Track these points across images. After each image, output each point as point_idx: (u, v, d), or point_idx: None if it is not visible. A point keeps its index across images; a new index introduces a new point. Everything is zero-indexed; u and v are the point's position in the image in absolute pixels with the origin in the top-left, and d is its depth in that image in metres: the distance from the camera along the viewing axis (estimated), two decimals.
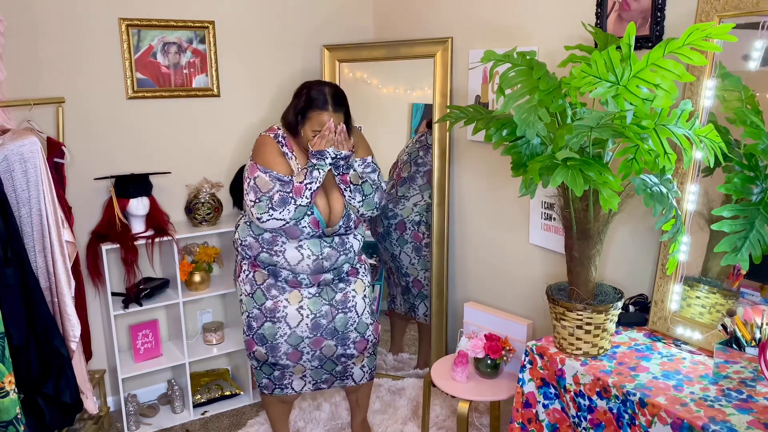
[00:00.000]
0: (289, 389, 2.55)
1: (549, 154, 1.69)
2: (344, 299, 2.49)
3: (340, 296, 2.48)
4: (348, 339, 2.51)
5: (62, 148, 2.67)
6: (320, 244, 2.38)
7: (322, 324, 2.45)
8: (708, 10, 1.87)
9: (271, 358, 2.46)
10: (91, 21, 2.82)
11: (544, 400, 1.96)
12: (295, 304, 2.43)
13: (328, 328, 2.46)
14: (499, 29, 2.70)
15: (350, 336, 2.51)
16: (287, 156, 2.37)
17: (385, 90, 3.29)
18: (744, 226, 1.65)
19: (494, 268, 2.91)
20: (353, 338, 2.51)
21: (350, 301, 2.50)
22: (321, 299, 2.45)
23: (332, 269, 2.45)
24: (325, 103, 2.31)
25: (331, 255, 2.41)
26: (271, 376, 2.52)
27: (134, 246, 2.84)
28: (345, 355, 2.53)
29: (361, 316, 2.52)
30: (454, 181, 3.07)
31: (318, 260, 2.39)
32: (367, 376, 2.65)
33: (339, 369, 2.57)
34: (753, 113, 1.76)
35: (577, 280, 1.90)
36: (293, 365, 2.49)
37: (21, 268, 2.16)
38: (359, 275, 2.56)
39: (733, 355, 1.66)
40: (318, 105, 2.30)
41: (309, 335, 2.45)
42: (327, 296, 2.46)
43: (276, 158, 2.33)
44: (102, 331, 3.05)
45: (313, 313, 2.44)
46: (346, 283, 2.51)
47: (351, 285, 2.51)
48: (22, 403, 2.08)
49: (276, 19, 3.26)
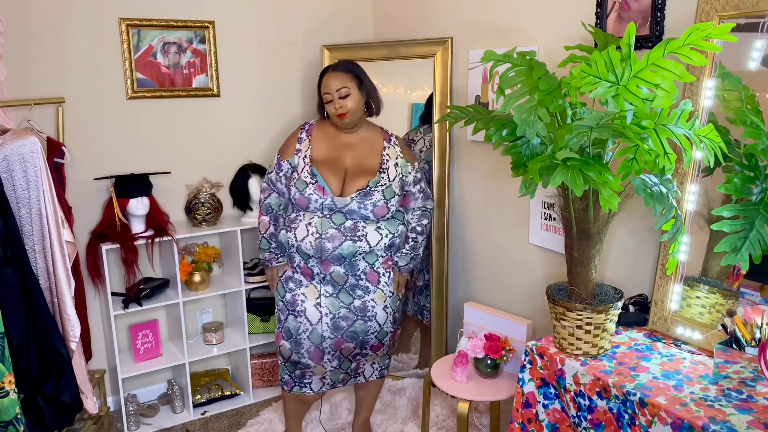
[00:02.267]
0: (307, 389, 2.58)
1: (549, 154, 1.69)
2: (363, 308, 2.47)
3: (358, 303, 2.46)
4: (367, 343, 2.53)
5: (62, 148, 2.67)
6: (326, 224, 2.38)
7: (342, 326, 2.46)
8: (708, 10, 1.87)
9: (295, 355, 2.50)
10: (92, 21, 2.82)
11: (544, 400, 1.96)
12: (312, 299, 2.45)
13: (349, 331, 2.47)
14: (499, 29, 2.70)
15: (369, 341, 2.53)
16: (300, 140, 2.51)
17: (385, 90, 3.29)
18: (744, 226, 1.65)
19: (494, 268, 2.91)
20: (372, 343, 2.54)
21: (370, 311, 2.48)
22: (339, 301, 2.45)
23: (342, 260, 2.40)
24: (327, 68, 2.49)
25: (334, 236, 2.37)
26: (293, 374, 2.56)
27: (134, 246, 2.83)
28: (360, 354, 2.56)
29: (383, 326, 2.53)
30: (454, 181, 3.07)
31: (320, 239, 2.38)
32: (377, 374, 2.68)
33: (353, 366, 2.60)
34: (753, 113, 1.76)
35: (577, 280, 1.90)
36: (314, 365, 2.52)
37: (21, 268, 2.16)
38: (380, 284, 2.49)
39: (733, 355, 1.66)
40: (322, 73, 2.49)
41: (331, 335, 2.46)
42: (345, 299, 2.45)
43: (288, 142, 2.55)
44: (102, 331, 3.05)
45: (332, 312, 2.45)
46: (365, 291, 2.46)
47: (370, 294, 2.47)
48: (22, 403, 2.08)
49: (276, 19, 3.26)
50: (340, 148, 2.50)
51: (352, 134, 2.52)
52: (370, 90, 2.50)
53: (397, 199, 2.47)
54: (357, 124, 2.50)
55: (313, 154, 2.48)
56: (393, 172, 2.48)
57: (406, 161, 2.53)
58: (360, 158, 2.48)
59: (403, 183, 2.52)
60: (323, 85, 2.45)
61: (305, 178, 2.42)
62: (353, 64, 2.52)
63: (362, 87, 2.46)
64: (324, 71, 2.49)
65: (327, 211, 2.39)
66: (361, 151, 2.50)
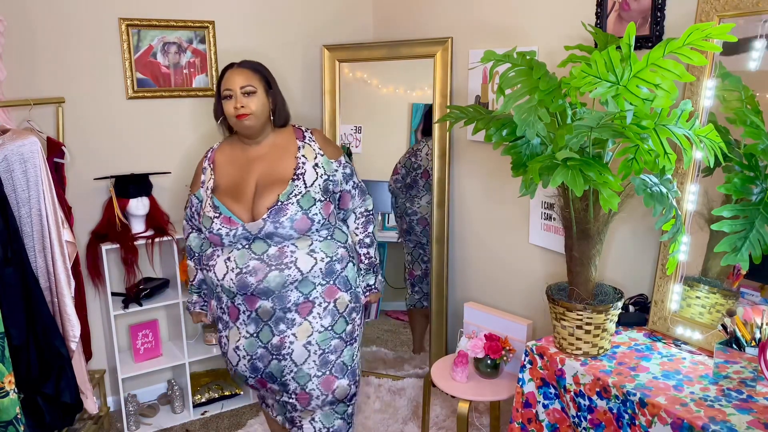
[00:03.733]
0: (270, 410, 2.35)
1: (549, 154, 1.69)
2: (279, 344, 2.05)
3: (276, 340, 2.05)
4: (288, 387, 2.11)
5: (62, 148, 2.67)
6: (246, 256, 2.01)
7: (259, 367, 2.09)
8: (708, 10, 1.87)
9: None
10: (91, 21, 2.82)
11: (544, 400, 1.96)
12: (233, 343, 2.12)
13: (266, 372, 2.10)
14: (499, 29, 2.70)
15: (290, 385, 2.10)
16: (204, 170, 2.20)
17: (385, 90, 3.29)
18: (744, 226, 1.65)
19: (494, 268, 2.91)
20: (293, 389, 2.10)
21: (285, 348, 2.05)
22: (258, 341, 2.07)
23: (269, 293, 2.01)
24: (232, 64, 2.13)
25: (257, 269, 1.99)
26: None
27: (134, 246, 2.84)
28: (288, 402, 2.15)
29: (301, 366, 2.07)
30: (454, 181, 3.07)
31: (241, 274, 2.00)
32: None
33: (289, 417, 2.20)
34: (753, 113, 1.76)
35: (577, 280, 1.90)
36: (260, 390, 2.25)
37: (21, 268, 2.16)
38: (311, 315, 2.06)
39: (733, 355, 1.66)
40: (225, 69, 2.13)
41: (251, 375, 2.13)
42: (264, 337, 2.06)
43: (195, 172, 2.25)
44: (102, 331, 3.05)
45: (249, 354, 2.09)
46: (288, 325, 2.04)
47: (293, 328, 2.04)
48: (22, 403, 2.08)
49: (276, 19, 3.26)
50: (246, 165, 2.13)
51: (258, 145, 2.14)
52: (278, 98, 2.14)
53: (321, 205, 2.06)
54: (261, 132, 2.12)
55: (217, 181, 2.13)
56: (311, 175, 2.08)
57: (329, 158, 2.14)
58: (269, 169, 2.10)
59: (330, 184, 2.12)
60: (225, 80, 2.08)
61: (208, 212, 2.07)
62: (263, 66, 2.16)
63: (270, 92, 2.11)
64: (228, 66, 2.13)
65: (245, 242, 2.02)
66: (270, 161, 2.11)
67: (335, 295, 2.10)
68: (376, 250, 2.32)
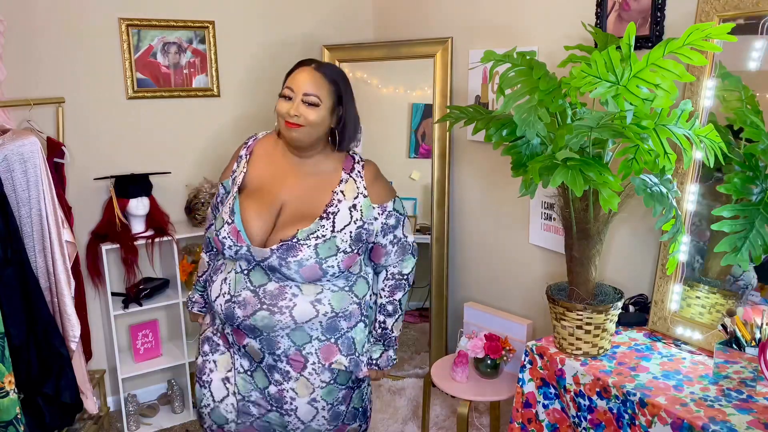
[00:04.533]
0: None
1: (549, 154, 1.69)
2: (279, 397, 1.79)
3: (274, 391, 1.79)
4: None
5: (62, 148, 2.67)
6: (241, 283, 1.74)
7: (252, 413, 1.82)
8: (708, 10, 1.87)
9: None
10: (91, 21, 2.82)
11: (544, 400, 1.96)
12: (222, 371, 1.83)
13: (262, 421, 1.83)
14: (499, 29, 2.70)
15: None
16: (239, 159, 1.91)
17: (385, 90, 3.29)
18: (744, 226, 1.65)
19: (494, 268, 2.91)
20: None
21: (288, 403, 1.79)
22: (252, 382, 1.81)
23: (256, 332, 1.73)
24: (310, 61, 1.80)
25: (247, 301, 1.71)
26: None
27: (134, 246, 2.84)
28: None
29: (309, 423, 1.81)
30: (454, 181, 3.07)
31: (230, 303, 1.73)
32: None
33: None
34: (753, 113, 1.76)
35: (577, 280, 1.90)
36: None
37: (21, 268, 2.16)
38: (306, 371, 1.76)
39: (733, 355, 1.66)
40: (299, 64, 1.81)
41: (236, 420, 1.83)
42: (260, 382, 1.80)
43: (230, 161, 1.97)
44: (102, 331, 3.05)
45: (242, 394, 1.81)
46: (283, 377, 1.77)
47: (290, 382, 1.77)
48: (22, 403, 2.08)
49: (276, 19, 3.26)
50: (281, 173, 1.83)
51: (301, 160, 1.83)
52: (347, 119, 1.79)
53: (343, 257, 1.72)
54: (309, 149, 1.80)
55: (248, 177, 1.85)
56: (344, 218, 1.74)
57: (372, 202, 1.79)
58: (301, 195, 1.79)
59: (364, 233, 1.78)
60: (292, 77, 1.78)
61: (224, 214, 1.78)
62: (343, 76, 1.82)
63: (337, 109, 1.78)
64: (303, 62, 1.81)
65: (245, 264, 1.74)
66: (306, 187, 1.80)
67: (332, 357, 1.78)
68: (396, 323, 1.91)
